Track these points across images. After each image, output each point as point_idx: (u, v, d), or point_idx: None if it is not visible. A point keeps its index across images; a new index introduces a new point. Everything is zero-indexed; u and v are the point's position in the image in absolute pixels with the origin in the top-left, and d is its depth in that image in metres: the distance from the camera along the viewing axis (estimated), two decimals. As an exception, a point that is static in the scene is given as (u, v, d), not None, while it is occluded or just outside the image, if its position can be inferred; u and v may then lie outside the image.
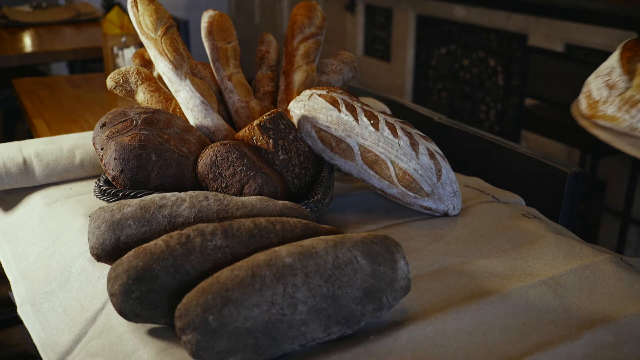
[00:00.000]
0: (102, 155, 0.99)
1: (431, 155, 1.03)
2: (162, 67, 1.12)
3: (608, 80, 0.86)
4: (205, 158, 0.98)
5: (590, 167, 2.46)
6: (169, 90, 1.20)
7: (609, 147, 2.57)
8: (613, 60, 0.96)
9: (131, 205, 0.84)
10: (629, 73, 0.85)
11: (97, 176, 1.17)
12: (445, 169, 1.03)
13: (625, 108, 0.82)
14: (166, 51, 1.11)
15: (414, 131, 1.04)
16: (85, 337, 0.83)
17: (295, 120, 1.09)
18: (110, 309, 0.82)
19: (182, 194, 0.87)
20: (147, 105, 1.18)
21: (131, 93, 1.21)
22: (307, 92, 1.10)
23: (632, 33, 2.50)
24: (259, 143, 1.03)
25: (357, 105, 1.06)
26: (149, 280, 0.72)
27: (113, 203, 0.86)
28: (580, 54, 2.77)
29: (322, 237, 0.77)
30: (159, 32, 1.13)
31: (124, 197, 0.95)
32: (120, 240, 0.82)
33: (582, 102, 0.92)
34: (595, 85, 0.90)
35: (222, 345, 0.66)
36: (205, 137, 1.10)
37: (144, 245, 0.75)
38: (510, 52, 3.10)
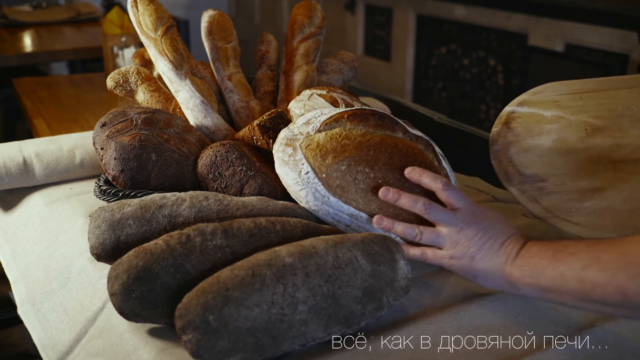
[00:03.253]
0: (102, 155, 0.99)
1: (431, 155, 1.03)
2: (162, 67, 1.12)
3: (310, 118, 0.94)
4: (205, 158, 0.98)
5: (590, 167, 2.46)
6: (169, 90, 1.20)
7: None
8: (325, 105, 1.06)
9: (131, 205, 0.84)
10: (324, 129, 0.91)
11: (97, 176, 1.17)
12: (446, 169, 1.03)
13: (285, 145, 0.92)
14: (166, 51, 1.11)
15: (414, 131, 1.04)
16: (85, 336, 0.83)
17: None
18: (110, 308, 0.82)
19: (182, 194, 0.87)
20: (147, 105, 1.18)
21: (131, 93, 1.21)
22: (307, 92, 1.10)
23: (632, 33, 2.50)
24: (259, 143, 1.03)
25: (357, 104, 1.06)
26: (149, 279, 0.72)
27: (113, 203, 0.86)
28: (580, 54, 2.77)
29: (322, 237, 0.77)
30: (159, 32, 1.13)
31: (124, 197, 0.95)
32: (120, 239, 0.82)
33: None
34: (300, 108, 1.05)
35: (222, 345, 0.66)
36: (205, 137, 1.10)
37: (144, 245, 0.75)
38: (510, 52, 3.10)
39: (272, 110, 1.05)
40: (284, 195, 0.95)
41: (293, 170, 0.88)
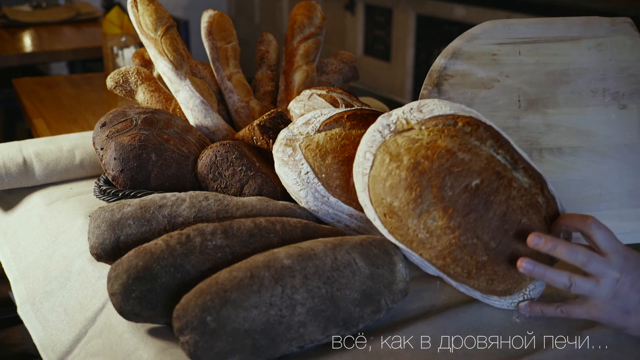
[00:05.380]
0: (102, 155, 0.99)
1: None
2: (162, 67, 1.12)
3: (310, 118, 0.93)
4: (205, 158, 0.98)
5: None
6: (169, 90, 1.20)
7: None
8: (325, 105, 1.02)
9: (131, 205, 0.84)
10: (324, 129, 0.89)
11: (97, 176, 1.17)
12: None
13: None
14: (166, 51, 1.11)
15: None
16: (85, 336, 0.83)
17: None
18: (110, 308, 0.82)
19: (182, 194, 0.87)
20: (147, 105, 1.18)
21: (131, 93, 1.21)
22: (307, 92, 1.10)
23: (632, 33, 2.49)
24: (259, 143, 1.03)
25: (357, 105, 1.06)
26: (149, 279, 0.72)
27: (113, 203, 0.86)
28: (580, 53, 2.77)
29: (321, 239, 0.77)
30: (159, 32, 1.13)
31: (124, 197, 0.95)
32: (120, 239, 0.82)
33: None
34: (300, 108, 1.03)
35: (220, 346, 0.66)
36: (205, 137, 1.10)
37: (144, 245, 0.75)
38: (511, 52, 3.10)
39: (272, 110, 1.05)
40: (284, 195, 0.95)
41: (293, 170, 0.88)
